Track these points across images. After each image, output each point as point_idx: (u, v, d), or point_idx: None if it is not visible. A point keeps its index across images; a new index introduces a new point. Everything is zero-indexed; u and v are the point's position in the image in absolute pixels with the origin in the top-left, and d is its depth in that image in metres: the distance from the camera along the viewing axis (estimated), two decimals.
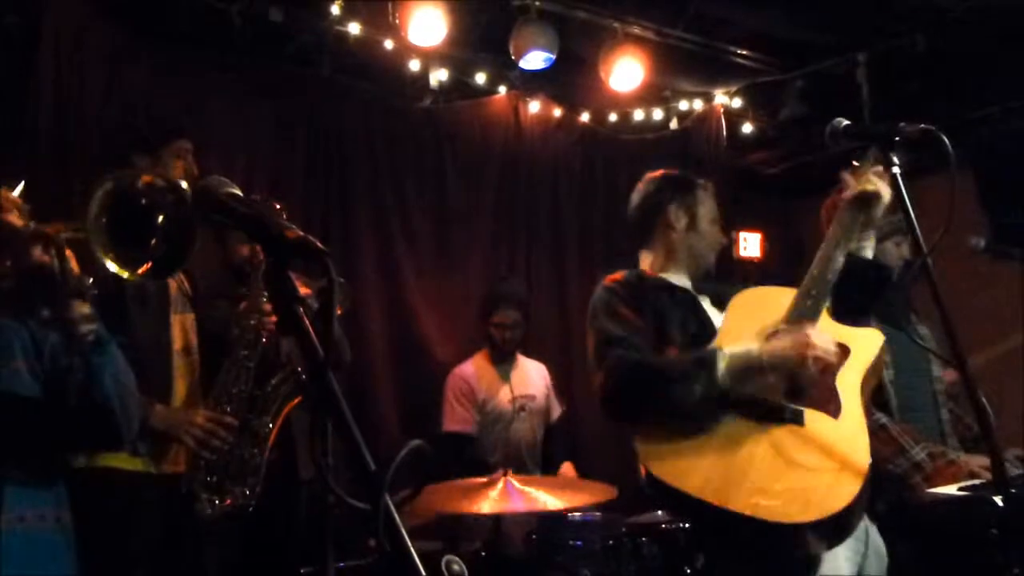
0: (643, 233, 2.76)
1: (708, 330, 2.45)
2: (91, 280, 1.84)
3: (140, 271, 1.38)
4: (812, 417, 2.26)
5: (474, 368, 4.56)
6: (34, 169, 3.70)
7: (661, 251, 2.72)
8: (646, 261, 2.75)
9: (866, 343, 2.40)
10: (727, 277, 3.20)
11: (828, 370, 2.26)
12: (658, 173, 2.78)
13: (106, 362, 1.95)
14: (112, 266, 1.40)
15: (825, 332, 2.30)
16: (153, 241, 1.38)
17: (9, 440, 1.89)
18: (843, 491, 2.10)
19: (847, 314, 2.45)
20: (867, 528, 2.46)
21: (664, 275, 2.67)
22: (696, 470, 2.16)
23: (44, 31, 3.87)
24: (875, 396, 2.84)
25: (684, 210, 2.71)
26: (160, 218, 1.37)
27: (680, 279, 2.67)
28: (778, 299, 2.44)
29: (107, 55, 4.05)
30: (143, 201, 1.38)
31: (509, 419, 4.45)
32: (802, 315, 2.33)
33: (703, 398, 2.22)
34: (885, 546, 2.52)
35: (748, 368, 2.23)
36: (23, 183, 1.91)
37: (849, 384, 2.31)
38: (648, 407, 2.30)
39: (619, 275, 2.64)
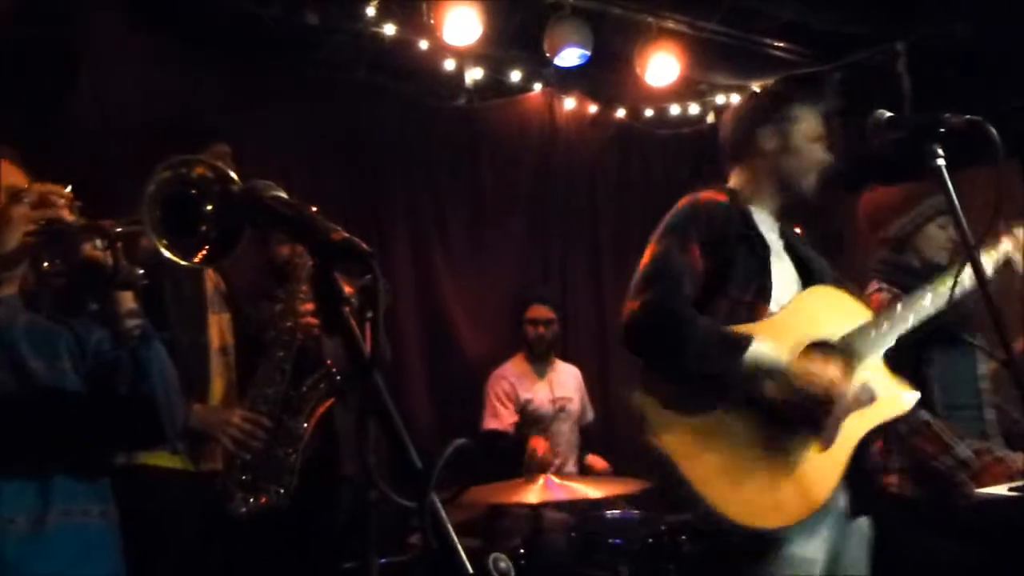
0: (734, 157, 2.58)
1: (764, 297, 2.34)
2: (141, 272, 1.86)
3: (196, 258, 1.39)
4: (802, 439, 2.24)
5: (514, 369, 4.61)
6: (74, 175, 3.74)
7: (748, 177, 2.53)
8: (735, 182, 2.56)
9: (895, 402, 2.32)
10: None
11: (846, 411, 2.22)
12: (757, 88, 2.51)
13: (152, 357, 1.97)
14: (168, 254, 1.41)
15: (870, 370, 2.27)
16: (203, 227, 1.39)
17: (56, 435, 1.91)
18: (780, 515, 2.16)
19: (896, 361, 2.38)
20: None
21: (752, 206, 2.49)
22: (698, 455, 2.19)
23: (82, 40, 3.91)
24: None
25: (775, 132, 2.51)
26: (209, 206, 1.38)
27: (766, 213, 2.50)
28: (846, 309, 2.37)
29: (144, 62, 4.09)
30: (194, 191, 1.40)
31: (550, 420, 4.50)
32: (859, 346, 2.29)
33: (715, 376, 2.20)
34: (870, 526, 2.43)
35: (770, 374, 2.19)
36: (70, 187, 1.94)
37: (853, 430, 2.25)
38: (664, 357, 2.28)
39: (711, 198, 2.44)
